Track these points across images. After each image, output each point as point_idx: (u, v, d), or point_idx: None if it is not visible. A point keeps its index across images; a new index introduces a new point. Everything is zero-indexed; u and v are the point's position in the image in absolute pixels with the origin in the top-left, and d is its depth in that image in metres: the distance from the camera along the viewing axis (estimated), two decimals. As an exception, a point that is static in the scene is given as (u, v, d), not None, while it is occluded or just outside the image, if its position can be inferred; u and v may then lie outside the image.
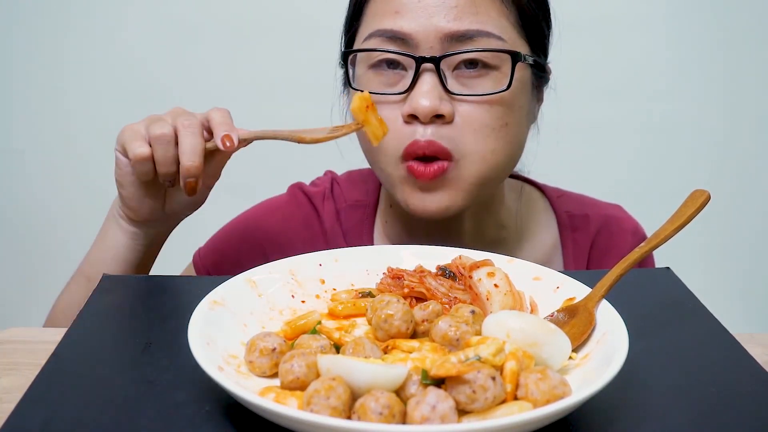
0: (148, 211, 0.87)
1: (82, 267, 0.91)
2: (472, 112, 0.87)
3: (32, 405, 0.57)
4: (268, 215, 1.07)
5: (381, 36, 0.88)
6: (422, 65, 0.86)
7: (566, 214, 1.07)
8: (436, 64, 0.86)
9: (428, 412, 0.51)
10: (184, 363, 0.60)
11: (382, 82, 0.90)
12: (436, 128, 0.87)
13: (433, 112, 0.85)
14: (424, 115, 0.86)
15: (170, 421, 0.55)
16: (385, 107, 0.89)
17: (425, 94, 0.85)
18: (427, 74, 0.86)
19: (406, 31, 0.86)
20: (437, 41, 0.86)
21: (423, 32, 0.86)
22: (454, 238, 0.99)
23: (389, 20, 0.87)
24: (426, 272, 0.74)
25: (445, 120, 0.87)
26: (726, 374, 0.64)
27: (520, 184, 1.08)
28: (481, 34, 0.86)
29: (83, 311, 0.73)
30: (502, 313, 0.63)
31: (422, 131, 0.87)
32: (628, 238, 1.06)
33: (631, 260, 0.71)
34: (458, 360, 0.55)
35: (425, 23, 0.86)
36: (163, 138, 0.79)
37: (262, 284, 0.72)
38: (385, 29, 0.87)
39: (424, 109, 0.85)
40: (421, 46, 0.86)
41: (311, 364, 0.57)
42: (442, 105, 0.86)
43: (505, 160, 0.91)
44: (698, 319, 0.73)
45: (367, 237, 1.04)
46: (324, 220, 1.05)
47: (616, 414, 0.57)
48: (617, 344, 0.59)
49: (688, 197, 0.76)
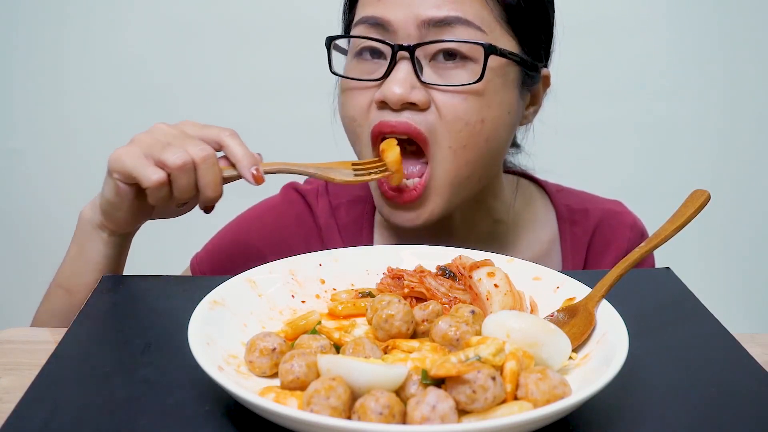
0: (135, 224, 0.87)
1: (58, 281, 0.90)
2: (447, 103, 0.86)
3: (32, 405, 0.57)
4: (261, 216, 1.08)
5: (365, 23, 0.89)
6: (398, 53, 0.86)
7: (566, 207, 1.07)
8: (411, 53, 0.85)
9: (428, 412, 0.51)
10: (184, 363, 0.59)
11: (363, 69, 0.90)
12: (409, 114, 0.87)
13: (402, 100, 0.85)
14: (393, 102, 0.85)
15: (170, 421, 0.55)
16: (360, 93, 0.89)
17: (397, 81, 0.85)
18: (402, 62, 0.86)
19: (386, 18, 0.87)
20: (415, 29, 0.85)
21: (402, 19, 0.86)
22: (446, 231, 0.99)
23: (372, 7, 0.88)
24: (426, 272, 0.74)
25: (418, 108, 0.86)
26: (726, 374, 0.64)
27: (515, 178, 1.07)
28: (461, 21, 0.85)
29: (83, 311, 0.73)
30: (502, 313, 0.63)
31: (393, 115, 0.87)
32: (626, 232, 1.06)
33: (631, 260, 0.71)
34: (458, 360, 0.55)
35: (405, 10, 0.86)
36: (185, 167, 0.78)
37: (262, 284, 0.72)
38: (368, 16, 0.88)
39: (393, 95, 0.85)
40: (399, 33, 0.86)
41: (311, 364, 0.57)
42: (413, 93, 0.85)
43: (479, 159, 0.89)
44: (698, 319, 0.73)
45: (368, 231, 1.05)
46: (318, 216, 1.05)
47: (616, 414, 0.57)
48: (617, 344, 0.59)
49: (688, 197, 0.76)
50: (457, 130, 0.86)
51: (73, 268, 0.89)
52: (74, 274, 0.89)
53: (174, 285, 0.80)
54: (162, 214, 0.88)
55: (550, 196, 1.09)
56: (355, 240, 1.04)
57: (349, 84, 0.91)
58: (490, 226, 1.03)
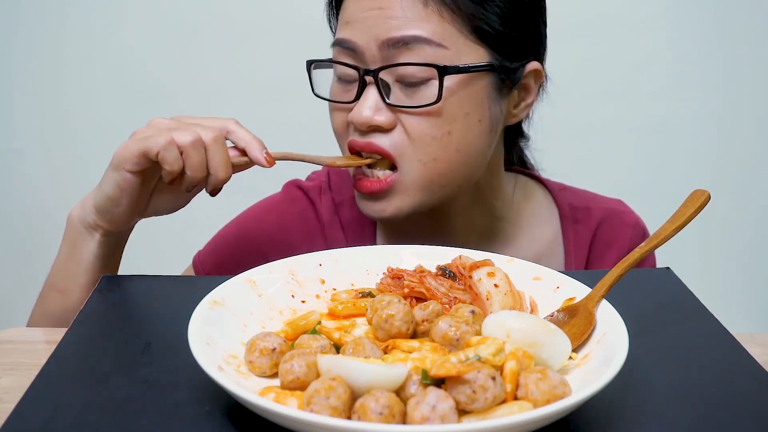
0: (131, 221, 0.87)
1: (51, 282, 0.90)
2: (411, 122, 0.88)
3: (32, 405, 0.57)
4: (264, 214, 1.08)
5: (338, 45, 0.91)
6: (365, 77, 0.88)
7: (568, 206, 1.08)
8: (374, 76, 0.88)
9: (428, 412, 0.51)
10: (184, 363, 0.59)
11: (341, 89, 0.93)
12: (376, 135, 0.89)
13: (366, 124, 0.88)
14: (359, 125, 0.89)
15: (170, 421, 0.55)
16: (339, 112, 0.93)
17: (364, 106, 0.88)
18: (370, 86, 0.89)
19: (353, 41, 0.89)
20: (377, 51, 0.87)
21: (366, 43, 0.87)
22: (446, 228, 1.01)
23: (342, 30, 0.91)
24: (426, 272, 0.74)
25: (383, 129, 0.89)
26: (726, 374, 0.64)
27: (514, 175, 1.08)
28: (419, 40, 0.85)
29: (83, 311, 0.73)
30: (502, 313, 0.63)
31: (360, 137, 0.90)
32: (628, 231, 1.07)
33: (631, 260, 0.71)
34: (458, 360, 0.55)
35: (367, 33, 0.87)
36: (196, 144, 0.79)
37: (262, 284, 0.72)
38: (340, 38, 0.90)
39: (359, 118, 0.88)
40: (366, 55, 0.88)
41: (311, 364, 0.57)
42: (376, 116, 0.88)
43: (453, 169, 0.90)
44: (698, 319, 0.73)
45: (370, 229, 1.05)
46: (321, 213, 1.06)
47: (616, 414, 0.57)
48: (617, 344, 0.59)
49: (688, 197, 0.76)
50: (425, 145, 0.88)
51: (66, 269, 0.89)
52: (67, 276, 0.89)
53: (174, 285, 0.80)
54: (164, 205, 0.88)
55: (552, 195, 1.09)
56: (358, 237, 1.05)
57: (332, 103, 0.94)
58: (491, 223, 1.03)
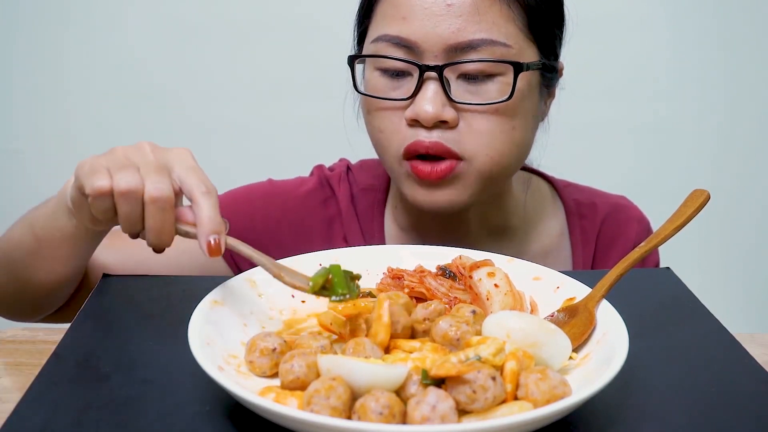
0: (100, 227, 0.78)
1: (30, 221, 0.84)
2: (476, 119, 0.88)
3: (32, 405, 0.57)
4: (295, 188, 1.07)
5: (388, 41, 0.89)
6: (426, 73, 0.87)
7: (574, 201, 1.09)
8: (439, 73, 0.87)
9: (428, 412, 0.51)
10: (184, 363, 0.59)
11: (388, 85, 0.91)
12: (440, 132, 0.88)
13: (435, 119, 0.87)
14: (426, 120, 0.87)
15: (170, 421, 0.55)
16: (390, 111, 0.91)
17: (428, 101, 0.86)
18: (430, 82, 0.87)
19: (412, 39, 0.87)
20: (441, 50, 0.87)
21: (428, 41, 0.87)
22: (460, 224, 1.01)
23: (396, 26, 0.88)
24: (426, 272, 0.74)
25: (448, 125, 0.88)
26: (726, 374, 0.64)
27: (528, 175, 1.09)
28: (485, 42, 0.86)
29: (83, 311, 0.73)
30: (502, 313, 0.63)
31: (426, 134, 0.88)
32: (633, 225, 1.08)
33: (631, 260, 0.71)
34: (458, 360, 0.55)
35: (430, 32, 0.86)
36: (129, 195, 0.68)
37: (262, 284, 0.72)
38: (392, 35, 0.89)
39: (426, 114, 0.86)
40: (425, 53, 0.87)
41: (311, 364, 0.57)
42: (444, 111, 0.87)
43: (511, 161, 0.92)
44: (698, 319, 0.73)
45: (378, 221, 1.06)
46: (340, 201, 1.06)
47: (616, 414, 0.57)
48: (617, 344, 0.59)
49: (688, 197, 0.76)
50: (494, 139, 0.88)
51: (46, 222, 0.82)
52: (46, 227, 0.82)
53: (174, 284, 0.80)
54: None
55: (557, 191, 1.11)
56: (368, 228, 1.05)
57: (376, 101, 0.92)
58: (503, 219, 1.04)
